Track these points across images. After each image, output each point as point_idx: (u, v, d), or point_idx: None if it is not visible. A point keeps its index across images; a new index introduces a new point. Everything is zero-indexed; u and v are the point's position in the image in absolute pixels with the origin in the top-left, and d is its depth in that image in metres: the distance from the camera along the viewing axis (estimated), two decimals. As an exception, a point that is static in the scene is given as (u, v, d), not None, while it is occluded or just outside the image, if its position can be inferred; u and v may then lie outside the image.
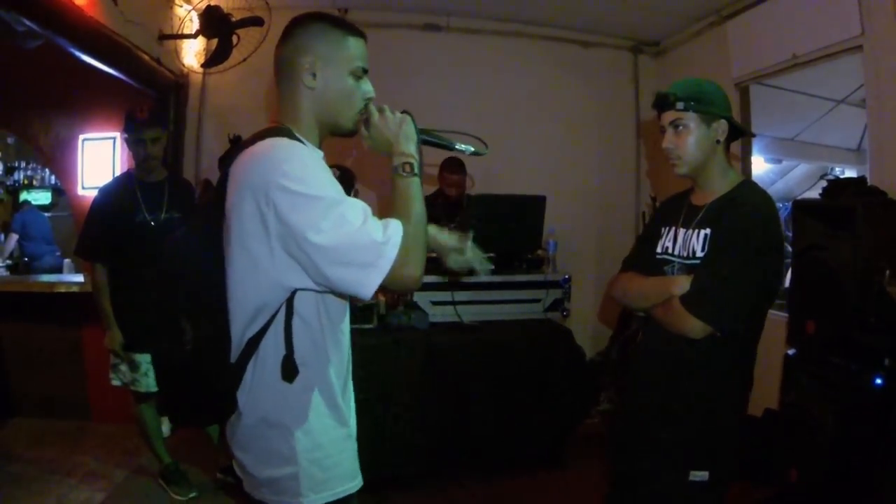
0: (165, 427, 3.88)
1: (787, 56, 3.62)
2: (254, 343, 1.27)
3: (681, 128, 1.74)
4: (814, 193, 4.53)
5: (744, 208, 1.69)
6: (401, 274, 1.18)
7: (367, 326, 3.18)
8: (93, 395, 4.19)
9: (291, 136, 1.29)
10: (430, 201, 4.47)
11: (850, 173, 5.43)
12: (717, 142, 1.74)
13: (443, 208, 4.07)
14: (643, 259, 1.94)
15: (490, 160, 4.54)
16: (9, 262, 6.35)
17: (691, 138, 1.73)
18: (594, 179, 5.15)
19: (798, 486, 2.61)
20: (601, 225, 5.15)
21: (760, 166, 5.58)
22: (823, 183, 2.89)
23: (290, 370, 1.26)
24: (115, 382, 3.16)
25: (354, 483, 1.40)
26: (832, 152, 5.64)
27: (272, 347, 1.27)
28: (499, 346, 3.35)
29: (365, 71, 1.39)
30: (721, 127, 1.74)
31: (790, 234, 2.97)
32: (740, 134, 1.83)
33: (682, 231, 1.80)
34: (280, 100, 1.38)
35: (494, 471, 3.44)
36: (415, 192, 1.30)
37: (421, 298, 3.33)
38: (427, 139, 1.44)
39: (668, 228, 1.87)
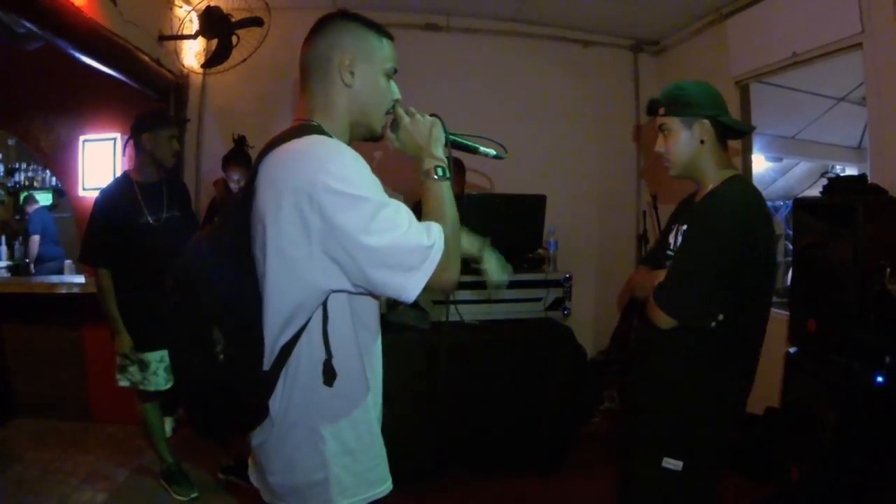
0: (168, 427, 3.90)
1: (787, 54, 3.62)
2: (287, 350, 1.23)
3: (666, 132, 1.80)
4: (814, 191, 4.53)
5: (715, 205, 1.73)
6: (441, 278, 1.19)
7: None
8: (94, 396, 4.19)
9: (326, 135, 1.27)
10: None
11: (850, 171, 5.44)
12: (702, 142, 1.77)
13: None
14: (653, 254, 2.03)
15: (490, 159, 4.59)
16: (9, 262, 6.34)
17: (675, 141, 1.79)
18: (595, 178, 5.16)
19: (799, 485, 2.61)
20: (601, 223, 5.15)
21: (761, 164, 5.60)
22: (824, 181, 2.89)
23: (330, 373, 1.24)
24: (123, 383, 3.16)
25: (384, 488, 1.39)
26: (832, 150, 5.65)
27: (305, 353, 1.24)
28: (500, 346, 3.35)
29: (395, 72, 1.40)
30: (703, 127, 1.77)
31: (790, 233, 2.97)
32: (733, 131, 1.85)
33: (680, 228, 1.87)
34: (310, 97, 1.34)
35: (496, 470, 3.44)
36: (448, 195, 1.29)
37: (421, 297, 3.32)
38: (455, 143, 1.44)
39: (675, 225, 1.93)
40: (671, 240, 1.91)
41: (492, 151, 1.54)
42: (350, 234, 1.12)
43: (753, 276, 1.72)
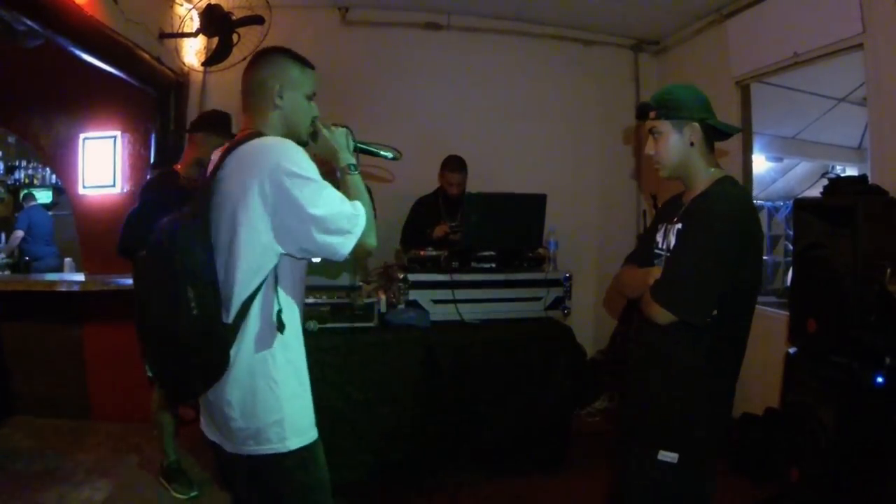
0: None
1: (787, 54, 3.62)
2: (247, 304, 1.51)
3: (657, 135, 1.86)
4: (815, 192, 4.53)
5: (709, 204, 1.78)
6: (365, 241, 1.55)
7: (367, 325, 3.18)
8: (93, 394, 4.20)
9: None
10: (431, 199, 4.47)
11: (850, 172, 5.44)
12: (691, 144, 1.83)
13: (444, 206, 4.07)
14: (640, 253, 2.07)
15: (491, 158, 4.60)
16: (9, 260, 6.35)
17: (666, 144, 1.85)
18: (595, 177, 5.16)
19: (799, 485, 2.62)
20: (602, 223, 5.15)
21: (761, 164, 5.60)
22: (824, 181, 2.88)
23: (282, 322, 1.53)
24: (150, 373, 3.17)
25: (315, 431, 1.62)
26: (833, 151, 5.65)
27: (258, 307, 1.52)
28: (500, 345, 3.35)
29: (314, 95, 1.74)
30: (693, 130, 1.82)
31: (791, 233, 2.97)
32: (720, 133, 1.89)
33: (670, 227, 1.91)
34: (253, 115, 1.70)
35: (496, 469, 3.44)
36: (361, 185, 1.70)
37: (422, 297, 3.33)
38: (361, 148, 1.86)
39: (663, 225, 1.98)
40: (659, 239, 1.95)
41: (389, 154, 1.95)
42: (303, 206, 1.47)
43: (745, 273, 1.79)
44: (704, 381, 1.81)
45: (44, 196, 7.35)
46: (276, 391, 1.52)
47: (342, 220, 1.51)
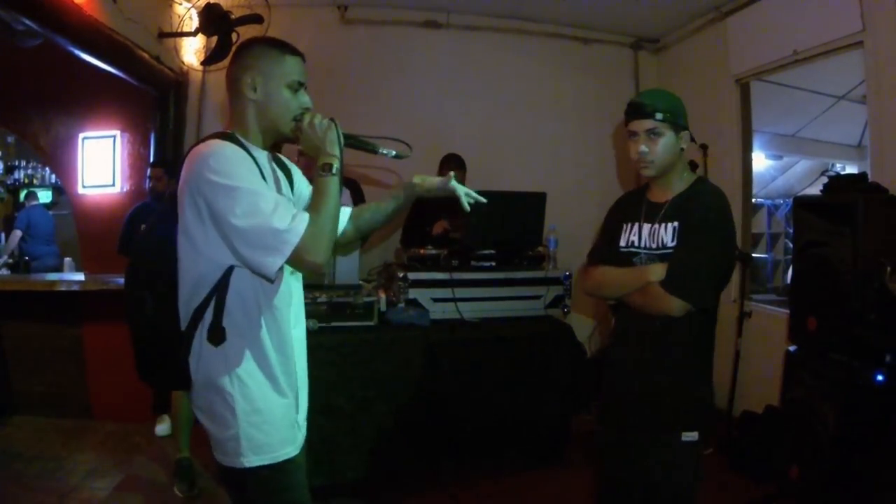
0: (167, 425, 3.89)
1: (787, 52, 3.62)
2: (198, 313, 1.46)
3: (655, 136, 1.93)
4: (814, 190, 4.53)
5: (705, 202, 1.93)
6: (302, 259, 1.36)
7: (367, 324, 3.18)
8: (94, 393, 4.20)
9: (232, 139, 1.48)
10: (430, 198, 4.48)
11: (850, 169, 5.45)
12: (682, 149, 1.97)
13: (443, 205, 4.07)
14: (610, 253, 2.11)
15: (491, 157, 4.60)
16: (9, 260, 6.35)
17: (663, 145, 1.93)
18: (595, 175, 5.15)
19: (799, 483, 2.62)
20: (601, 221, 5.13)
21: (761, 162, 5.59)
22: (824, 179, 2.89)
23: (215, 335, 1.45)
24: None
25: (292, 448, 1.55)
26: (833, 149, 5.65)
27: (211, 317, 1.46)
28: (500, 343, 3.35)
29: (301, 84, 1.57)
30: (685, 136, 1.97)
31: (791, 231, 2.97)
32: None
33: (646, 226, 2.00)
34: (230, 112, 1.58)
35: (496, 467, 3.45)
36: (330, 190, 1.45)
37: (422, 295, 3.33)
38: (352, 143, 1.61)
39: (629, 224, 2.07)
40: (634, 238, 2.03)
41: (392, 152, 1.69)
42: (223, 216, 1.36)
43: (732, 260, 2.02)
44: (706, 361, 1.97)
45: (44, 196, 7.34)
46: (232, 405, 1.46)
47: (266, 234, 1.34)
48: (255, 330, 1.49)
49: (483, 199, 1.88)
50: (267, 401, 1.50)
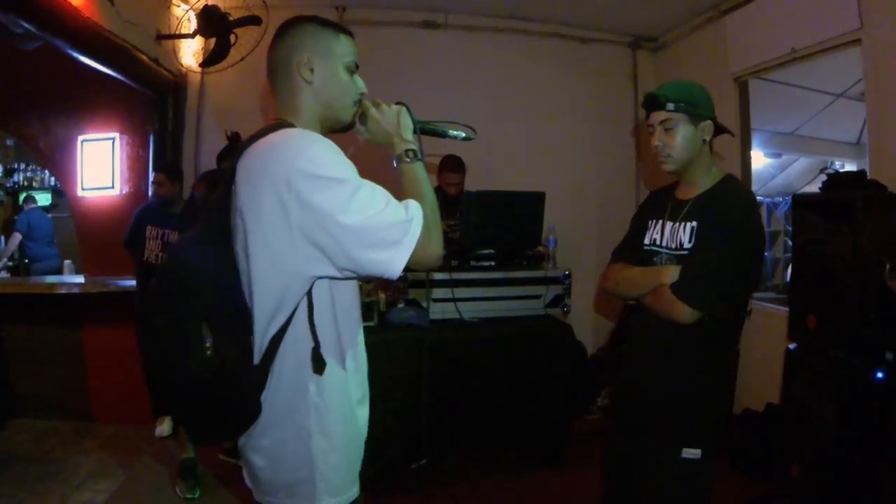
0: (167, 426, 3.89)
1: (785, 50, 3.62)
2: (276, 342, 1.25)
3: (671, 128, 1.83)
4: (813, 188, 4.52)
5: (727, 201, 1.80)
6: (425, 252, 1.21)
7: (367, 324, 3.16)
8: (94, 396, 4.20)
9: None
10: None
11: (849, 167, 5.44)
12: (703, 141, 1.84)
13: (442, 205, 4.07)
14: (632, 251, 2.04)
15: (489, 156, 4.61)
16: (9, 263, 6.35)
17: (680, 137, 1.82)
18: (593, 175, 5.15)
19: (799, 481, 2.62)
20: (601, 220, 5.15)
21: (760, 160, 5.60)
22: (823, 177, 2.88)
23: (319, 362, 1.26)
24: None
25: (358, 486, 1.40)
26: (832, 146, 5.65)
27: (291, 344, 1.26)
28: (499, 343, 3.35)
29: (357, 66, 1.43)
30: (707, 127, 1.83)
31: (790, 229, 2.96)
32: (721, 133, 1.91)
33: (668, 224, 1.90)
34: (278, 98, 1.39)
35: (496, 466, 3.45)
36: (422, 176, 1.34)
37: (421, 295, 3.33)
38: (424, 128, 1.49)
39: (654, 221, 1.97)
40: (657, 236, 1.94)
41: (461, 134, 1.57)
42: (329, 214, 1.15)
43: (757, 268, 1.85)
44: (720, 374, 1.84)
45: (43, 198, 7.34)
46: (308, 443, 1.27)
47: (387, 228, 1.18)
48: (335, 351, 1.30)
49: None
50: (345, 435, 1.32)
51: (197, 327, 1.20)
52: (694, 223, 1.81)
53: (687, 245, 1.81)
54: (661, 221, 1.94)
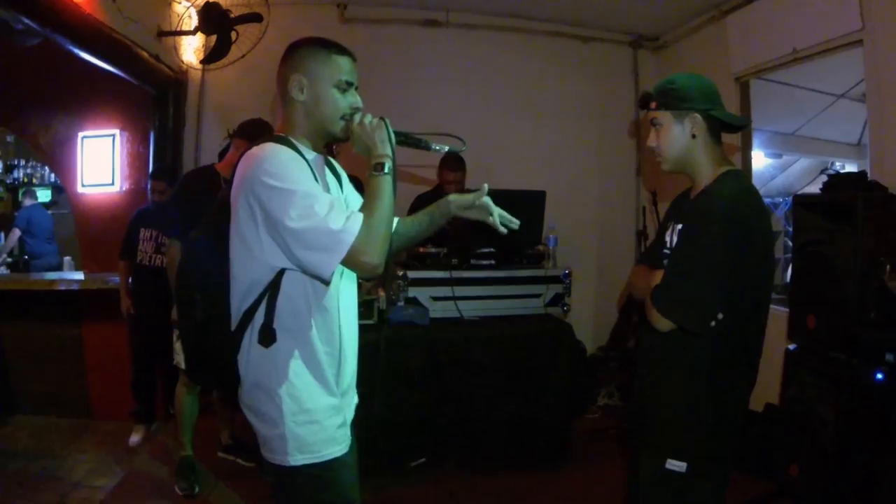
0: (139, 435, 3.83)
1: (787, 50, 3.62)
2: (248, 315, 1.49)
3: (657, 126, 1.78)
4: (814, 188, 4.52)
5: (704, 204, 1.70)
6: (357, 260, 1.36)
7: (367, 322, 3.17)
8: (94, 393, 4.20)
9: (285, 142, 1.50)
10: (429, 197, 4.49)
11: (850, 168, 5.43)
12: (693, 136, 1.74)
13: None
14: (651, 253, 1.99)
15: (489, 155, 4.61)
16: (9, 259, 6.35)
17: (667, 136, 1.77)
18: (594, 174, 5.16)
19: (799, 481, 2.62)
20: (601, 220, 5.15)
21: (760, 161, 5.58)
22: (824, 178, 2.88)
23: (266, 336, 1.48)
24: (175, 361, 3.17)
25: (339, 448, 1.56)
26: (832, 147, 5.64)
27: (260, 319, 1.48)
28: (499, 342, 3.35)
29: (349, 84, 1.58)
30: (694, 121, 1.73)
31: (790, 229, 2.96)
32: (727, 125, 1.81)
33: (678, 226, 1.82)
34: (281, 114, 1.59)
35: (495, 466, 3.44)
36: (383, 190, 1.45)
37: (421, 294, 3.33)
38: (403, 140, 1.59)
39: (672, 223, 1.88)
40: (668, 238, 1.87)
41: (445, 147, 1.67)
42: (277, 218, 1.36)
43: (751, 274, 1.68)
44: (710, 386, 1.70)
45: (43, 195, 7.34)
46: (279, 404, 1.48)
47: (321, 235, 1.34)
48: (305, 331, 1.50)
49: (516, 223, 1.90)
50: (314, 401, 1.51)
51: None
52: (680, 225, 1.77)
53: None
54: (673, 223, 1.86)
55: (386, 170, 1.46)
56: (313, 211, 1.35)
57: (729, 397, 1.74)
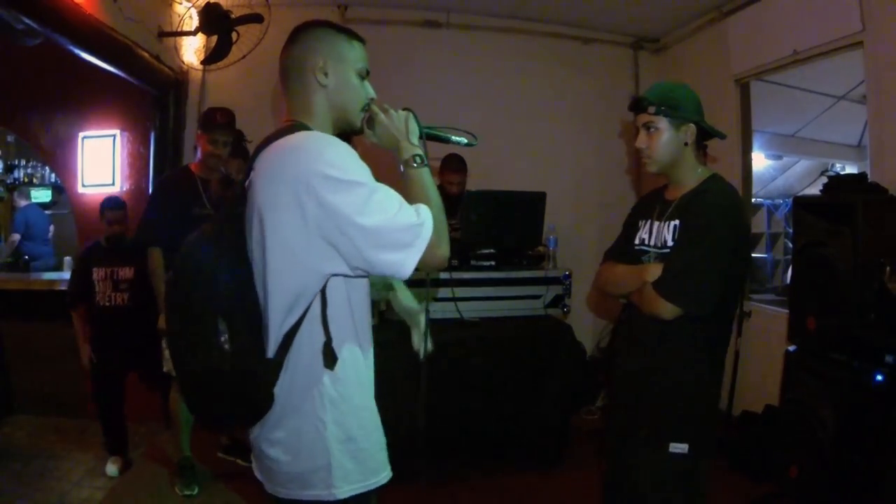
0: (113, 468, 3.50)
1: (787, 52, 3.62)
2: (290, 336, 1.30)
3: (652, 130, 1.89)
4: (814, 190, 4.53)
5: (708, 200, 1.85)
6: (434, 253, 1.27)
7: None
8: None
9: (323, 132, 1.37)
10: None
11: (850, 169, 5.45)
12: (686, 144, 1.89)
13: (444, 205, 4.07)
14: (622, 250, 2.11)
15: (490, 156, 4.61)
16: (8, 259, 6.33)
17: (661, 140, 1.89)
18: (594, 175, 5.15)
19: (798, 483, 2.62)
20: (601, 221, 5.14)
21: (760, 162, 5.60)
22: (824, 179, 2.89)
23: (330, 357, 1.31)
24: (166, 367, 3.15)
25: (384, 475, 1.44)
26: (832, 149, 5.65)
27: (306, 338, 1.30)
28: (499, 343, 3.35)
29: (367, 73, 1.47)
30: (689, 131, 1.88)
31: (790, 231, 2.97)
32: (711, 136, 1.96)
33: (656, 224, 1.96)
34: (292, 99, 1.43)
35: (495, 467, 3.45)
36: (428, 180, 1.39)
37: (421, 296, 3.33)
38: (429, 133, 1.53)
39: (644, 222, 2.04)
40: (644, 235, 2.00)
41: (463, 140, 1.64)
42: (346, 215, 1.21)
43: (740, 266, 1.90)
44: (705, 370, 1.87)
45: (43, 195, 7.33)
46: (323, 433, 1.31)
47: (399, 230, 1.23)
48: (352, 344, 1.36)
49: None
50: (362, 425, 1.37)
51: (213, 321, 1.26)
52: (676, 221, 1.88)
53: (670, 243, 1.87)
54: (649, 222, 2.00)
55: (425, 161, 1.40)
56: (386, 205, 1.24)
57: (715, 379, 1.92)
